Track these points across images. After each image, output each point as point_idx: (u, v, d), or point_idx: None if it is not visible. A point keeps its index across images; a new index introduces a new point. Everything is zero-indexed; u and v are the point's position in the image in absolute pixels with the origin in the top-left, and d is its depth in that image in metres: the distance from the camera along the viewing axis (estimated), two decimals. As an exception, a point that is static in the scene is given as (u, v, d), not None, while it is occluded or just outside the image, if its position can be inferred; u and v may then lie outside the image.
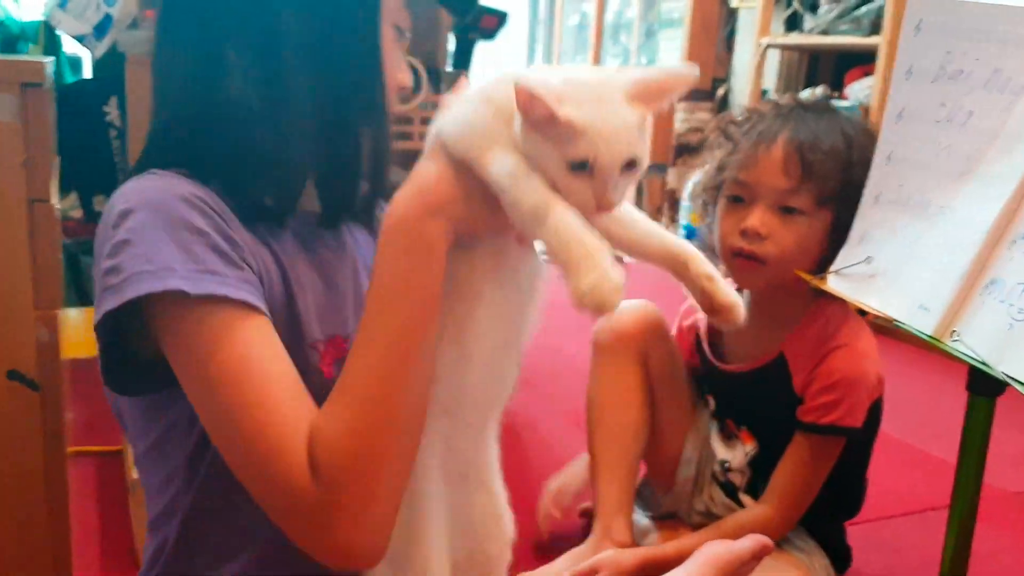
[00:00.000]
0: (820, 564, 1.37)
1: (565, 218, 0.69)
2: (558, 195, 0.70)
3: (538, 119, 0.69)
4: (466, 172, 0.72)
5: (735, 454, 1.40)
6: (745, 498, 1.39)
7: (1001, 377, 0.82)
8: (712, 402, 1.45)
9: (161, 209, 0.70)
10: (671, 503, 1.48)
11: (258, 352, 0.69)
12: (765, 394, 1.35)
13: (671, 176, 4.46)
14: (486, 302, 0.78)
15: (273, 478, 0.68)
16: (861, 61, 3.41)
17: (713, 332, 1.43)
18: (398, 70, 0.83)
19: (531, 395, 2.20)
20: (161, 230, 0.69)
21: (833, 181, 1.21)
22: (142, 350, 0.74)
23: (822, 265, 1.19)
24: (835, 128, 1.25)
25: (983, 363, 0.85)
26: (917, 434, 2.28)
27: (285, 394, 0.69)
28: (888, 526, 1.74)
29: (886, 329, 1.17)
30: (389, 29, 0.80)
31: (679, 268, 0.81)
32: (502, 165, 0.71)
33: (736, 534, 0.88)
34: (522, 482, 1.31)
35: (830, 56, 3.81)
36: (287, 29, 0.76)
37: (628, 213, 0.81)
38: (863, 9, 3.28)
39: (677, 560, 0.87)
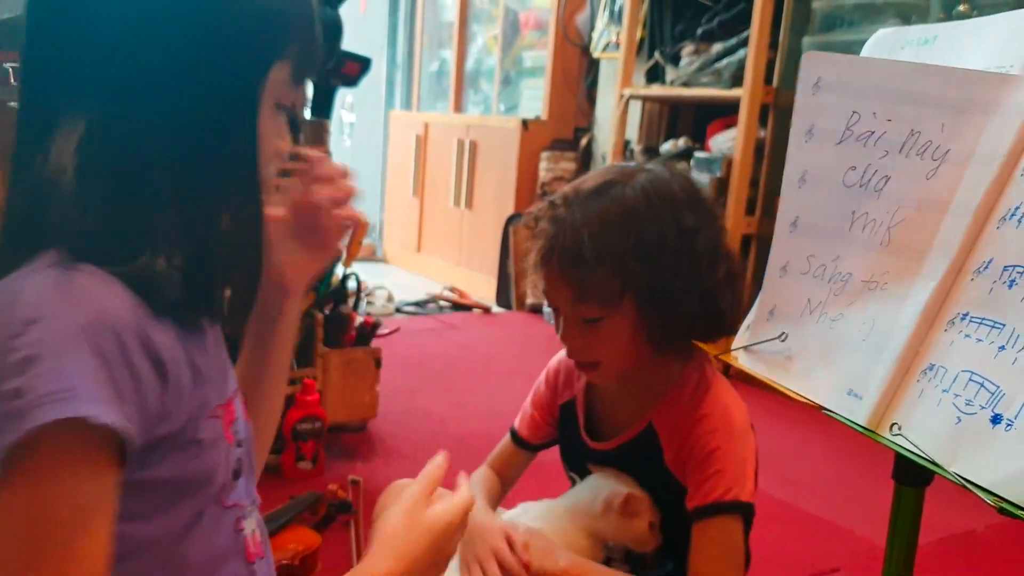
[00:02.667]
0: None
1: None
2: None
3: None
4: None
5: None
6: None
7: (955, 480, 0.73)
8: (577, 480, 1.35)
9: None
10: None
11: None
12: (634, 469, 1.25)
13: (536, 225, 4.40)
14: None
15: None
16: (722, 113, 3.44)
17: (588, 408, 1.34)
18: (275, 139, 0.81)
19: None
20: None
21: (610, 280, 1.15)
22: None
23: (659, 344, 1.17)
24: (612, 211, 1.16)
25: (932, 462, 0.76)
26: (788, 490, 2.24)
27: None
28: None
29: (749, 379, 1.09)
30: (269, 109, 0.78)
31: None
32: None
33: None
34: None
35: (691, 107, 3.85)
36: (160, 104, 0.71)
37: None
38: (724, 62, 3.32)
39: None
